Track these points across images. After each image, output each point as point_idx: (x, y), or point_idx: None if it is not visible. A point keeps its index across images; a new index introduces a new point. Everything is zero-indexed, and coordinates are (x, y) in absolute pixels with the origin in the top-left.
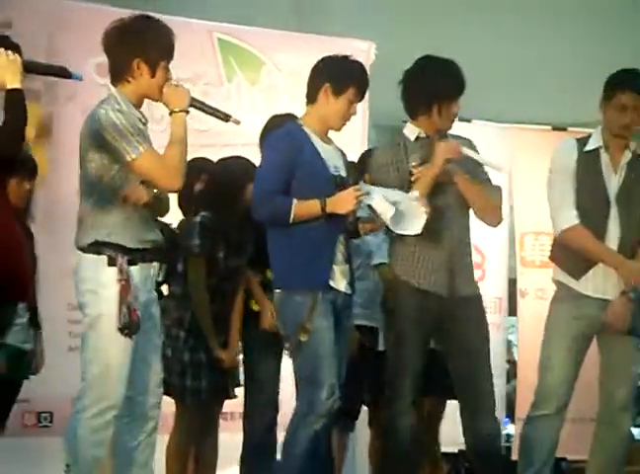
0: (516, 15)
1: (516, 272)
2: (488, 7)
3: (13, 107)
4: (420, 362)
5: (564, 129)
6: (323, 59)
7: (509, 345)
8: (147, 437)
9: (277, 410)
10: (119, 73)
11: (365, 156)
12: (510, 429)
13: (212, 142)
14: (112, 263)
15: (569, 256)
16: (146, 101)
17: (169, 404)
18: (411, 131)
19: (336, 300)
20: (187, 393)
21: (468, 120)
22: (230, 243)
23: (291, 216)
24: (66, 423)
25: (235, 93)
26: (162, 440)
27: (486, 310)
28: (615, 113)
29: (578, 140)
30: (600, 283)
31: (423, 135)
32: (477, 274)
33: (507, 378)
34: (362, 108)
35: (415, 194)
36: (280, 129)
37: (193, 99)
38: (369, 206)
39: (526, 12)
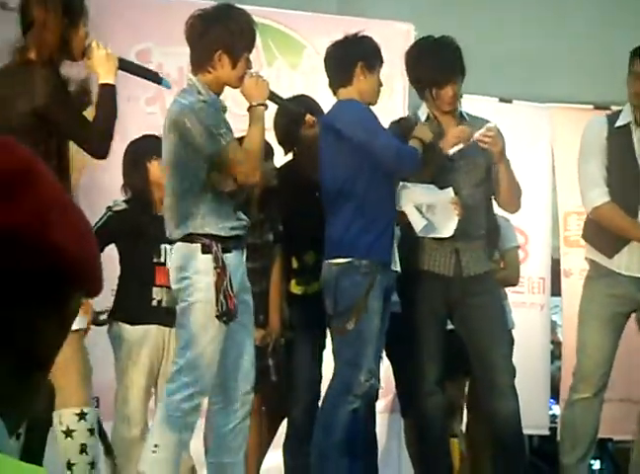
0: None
1: (559, 252)
2: None
3: (106, 102)
4: (437, 343)
5: (607, 108)
6: (344, 42)
7: (553, 325)
8: (240, 423)
9: (317, 394)
10: (200, 63)
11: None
12: (555, 409)
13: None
14: (206, 251)
15: (601, 234)
16: None
17: None
18: (422, 112)
19: (389, 281)
20: None
21: (509, 101)
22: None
23: (419, 157)
24: (112, 408)
25: (275, 77)
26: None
27: (531, 290)
28: (632, 81)
29: (608, 116)
30: (635, 261)
31: (431, 116)
32: (520, 254)
33: (551, 359)
34: (402, 88)
35: (450, 193)
36: (353, 103)
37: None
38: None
39: None
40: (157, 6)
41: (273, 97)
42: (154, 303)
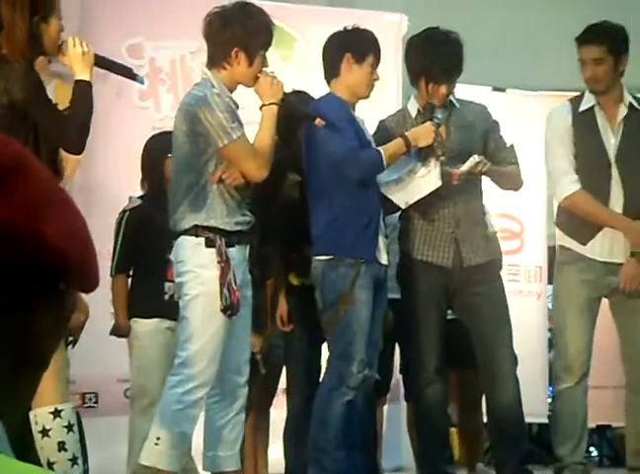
0: None
1: (555, 239)
2: None
3: (81, 98)
4: (436, 333)
5: None
6: (335, 34)
7: (550, 313)
8: (236, 416)
9: (316, 385)
10: (216, 59)
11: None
12: None
13: (248, 120)
14: (210, 244)
15: (574, 222)
16: None
17: None
18: (412, 106)
19: (377, 273)
20: None
21: (503, 90)
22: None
23: (384, 161)
24: (110, 403)
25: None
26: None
27: (527, 279)
28: (582, 68)
29: (571, 101)
30: (607, 247)
31: (421, 110)
32: (515, 243)
33: (548, 347)
34: (396, 80)
35: (421, 169)
36: (330, 98)
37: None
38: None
39: None
40: (148, 0)
41: (284, 98)
42: (166, 297)
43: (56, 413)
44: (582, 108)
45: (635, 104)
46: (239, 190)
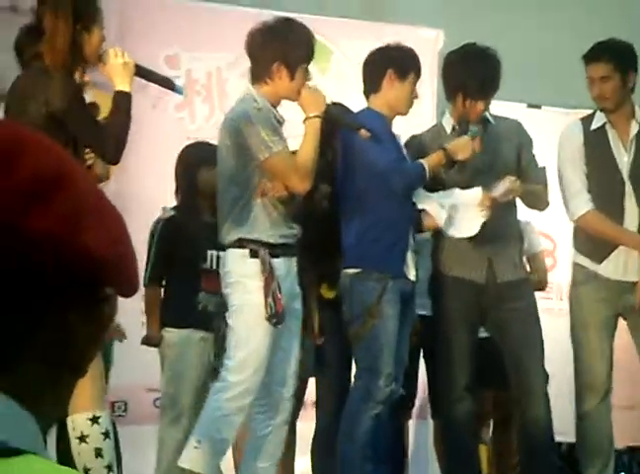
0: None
1: None
2: None
3: (120, 109)
4: (467, 349)
5: None
6: (378, 49)
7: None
8: (278, 428)
9: (345, 397)
10: (258, 74)
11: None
12: None
13: (294, 133)
14: (254, 255)
15: (589, 241)
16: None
17: None
18: (447, 122)
19: (405, 289)
20: None
21: (538, 106)
22: None
23: (427, 173)
24: (139, 413)
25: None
26: None
27: (559, 297)
28: (589, 87)
29: (582, 120)
30: (621, 265)
31: (457, 127)
32: (549, 261)
33: None
34: (431, 95)
35: (478, 193)
36: (369, 112)
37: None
38: (423, 210)
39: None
40: (185, 11)
41: (328, 110)
42: (199, 308)
43: (94, 419)
44: (593, 126)
45: None
46: (283, 202)
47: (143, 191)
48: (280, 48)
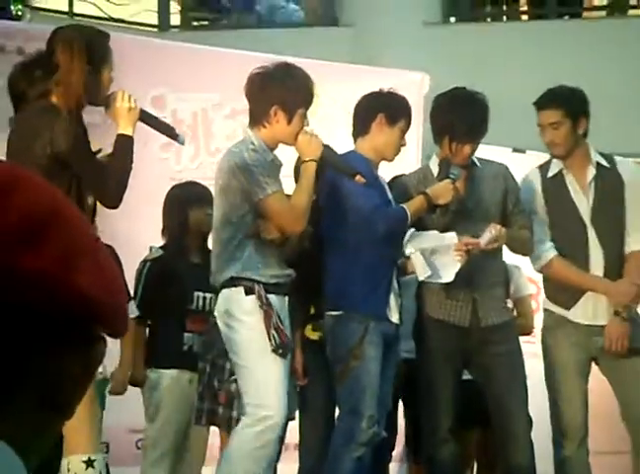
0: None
1: None
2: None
3: (122, 153)
4: (451, 392)
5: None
6: (371, 93)
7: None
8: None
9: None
10: (256, 118)
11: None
12: None
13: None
14: (249, 291)
15: (557, 288)
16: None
17: (215, 434)
18: (434, 164)
19: (387, 331)
20: (233, 423)
21: (522, 151)
22: None
23: (409, 218)
24: (121, 454)
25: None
26: (211, 471)
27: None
28: (541, 133)
29: (540, 168)
30: (591, 310)
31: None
32: (532, 305)
33: None
34: (416, 138)
35: (453, 238)
36: (355, 155)
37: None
38: (408, 256)
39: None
40: (172, 52)
41: (324, 154)
42: (185, 348)
43: (89, 462)
44: (550, 173)
45: (603, 162)
46: (276, 243)
47: (129, 230)
48: (279, 93)
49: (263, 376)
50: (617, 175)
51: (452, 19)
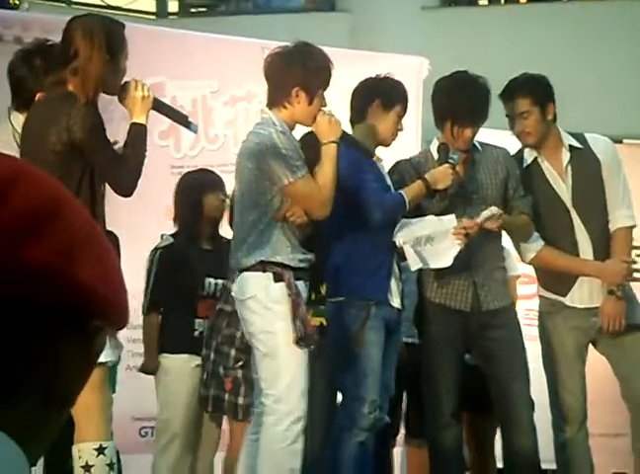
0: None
1: None
2: (541, 24)
3: (136, 141)
4: (453, 376)
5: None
6: (367, 79)
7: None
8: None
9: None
10: (276, 99)
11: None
12: None
13: None
14: (278, 279)
15: (550, 277)
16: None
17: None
18: (435, 148)
19: (389, 316)
20: (239, 410)
21: None
22: None
23: (407, 204)
24: (125, 442)
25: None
26: (219, 457)
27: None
28: (510, 124)
29: (514, 158)
30: (586, 293)
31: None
32: (532, 288)
33: None
34: (416, 123)
35: (452, 221)
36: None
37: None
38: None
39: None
40: (170, 39)
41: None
42: (196, 334)
43: (100, 450)
44: (525, 163)
45: (576, 144)
46: (301, 227)
47: (125, 218)
48: (300, 74)
49: (285, 366)
50: (592, 154)
51: (450, 3)
